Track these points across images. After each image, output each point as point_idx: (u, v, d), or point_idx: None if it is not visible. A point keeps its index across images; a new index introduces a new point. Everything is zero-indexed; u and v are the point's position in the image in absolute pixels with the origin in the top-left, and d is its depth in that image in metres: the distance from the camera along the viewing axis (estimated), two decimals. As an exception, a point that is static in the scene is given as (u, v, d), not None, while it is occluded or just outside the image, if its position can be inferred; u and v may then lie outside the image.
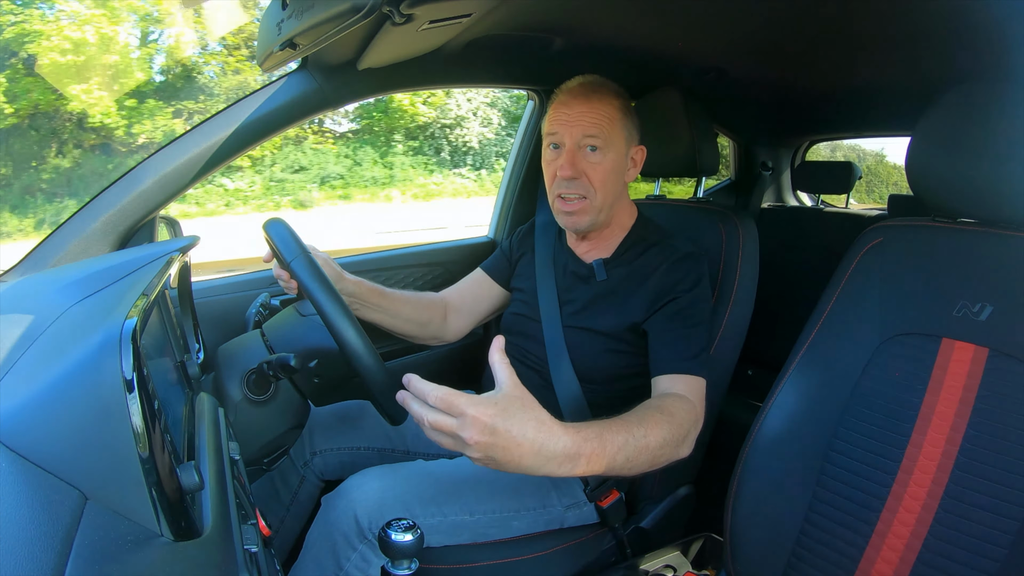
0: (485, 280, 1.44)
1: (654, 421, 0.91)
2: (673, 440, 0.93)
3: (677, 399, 1.00)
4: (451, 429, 0.73)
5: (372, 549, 1.00)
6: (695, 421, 1.00)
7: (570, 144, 1.16)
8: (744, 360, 1.32)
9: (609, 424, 0.86)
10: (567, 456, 0.77)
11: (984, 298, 0.87)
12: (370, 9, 0.84)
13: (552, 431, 0.76)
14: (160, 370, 0.73)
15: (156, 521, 0.46)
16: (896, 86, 1.74)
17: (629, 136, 1.20)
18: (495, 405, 0.73)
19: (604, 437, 0.82)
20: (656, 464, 0.91)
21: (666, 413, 0.95)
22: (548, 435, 0.76)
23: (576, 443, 0.78)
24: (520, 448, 0.74)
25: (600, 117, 1.15)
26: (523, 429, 0.74)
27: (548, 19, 1.32)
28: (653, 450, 0.89)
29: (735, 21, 1.29)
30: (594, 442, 0.81)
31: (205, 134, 1.20)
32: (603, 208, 1.19)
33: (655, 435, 0.89)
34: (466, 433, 0.72)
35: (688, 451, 0.97)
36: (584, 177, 1.16)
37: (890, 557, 0.87)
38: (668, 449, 0.92)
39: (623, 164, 1.20)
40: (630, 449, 0.85)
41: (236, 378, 1.04)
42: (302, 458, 1.26)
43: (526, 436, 0.74)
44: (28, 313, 0.71)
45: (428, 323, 1.36)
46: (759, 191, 2.56)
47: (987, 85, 0.87)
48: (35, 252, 1.13)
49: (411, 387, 0.76)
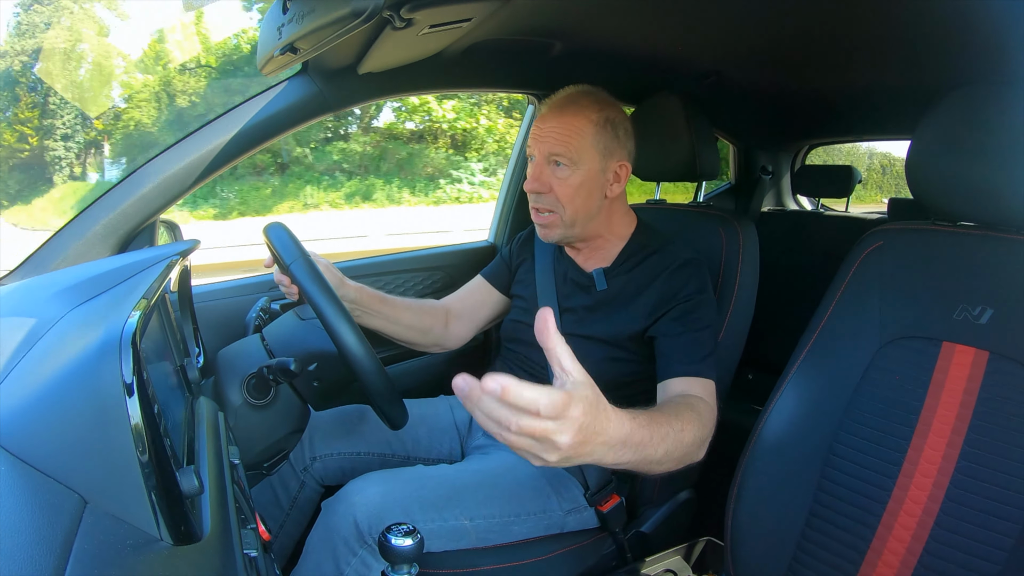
0: (485, 287, 1.44)
1: (688, 418, 0.90)
2: (700, 439, 0.92)
3: (700, 401, 1.00)
4: (548, 434, 0.63)
5: (372, 554, 1.00)
6: (713, 422, 0.98)
7: (538, 158, 1.18)
8: (745, 364, 1.32)
9: (655, 414, 0.85)
10: (625, 444, 0.75)
11: (984, 301, 0.87)
12: (370, 14, 0.84)
13: (616, 418, 0.73)
14: (160, 374, 0.73)
15: (156, 525, 0.46)
16: (896, 89, 1.75)
17: (606, 150, 1.18)
18: (584, 401, 0.66)
19: (652, 427, 0.81)
20: (682, 462, 0.89)
21: (696, 412, 0.94)
22: (617, 425, 0.73)
23: (631, 430, 0.76)
24: (596, 440, 0.69)
25: (569, 133, 1.15)
26: (603, 422, 0.70)
27: (548, 24, 1.32)
28: (687, 446, 0.88)
29: (735, 25, 1.30)
30: (644, 431, 0.79)
31: (206, 138, 1.20)
32: (574, 223, 1.19)
33: (690, 431, 0.88)
34: (564, 437, 0.64)
35: (703, 455, 0.95)
36: (551, 192, 1.17)
37: (891, 561, 0.87)
38: (694, 448, 0.91)
39: (597, 180, 1.18)
40: (670, 442, 0.84)
41: (236, 382, 1.04)
42: (302, 463, 1.26)
43: (605, 429, 0.70)
44: (28, 316, 0.71)
45: (429, 330, 1.36)
46: (759, 195, 2.57)
47: (987, 88, 0.87)
48: (35, 255, 1.13)
49: (508, 395, 0.60)
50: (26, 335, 0.64)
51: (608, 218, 1.24)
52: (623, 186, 1.23)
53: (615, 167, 1.20)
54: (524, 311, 1.33)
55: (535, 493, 1.15)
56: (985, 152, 0.86)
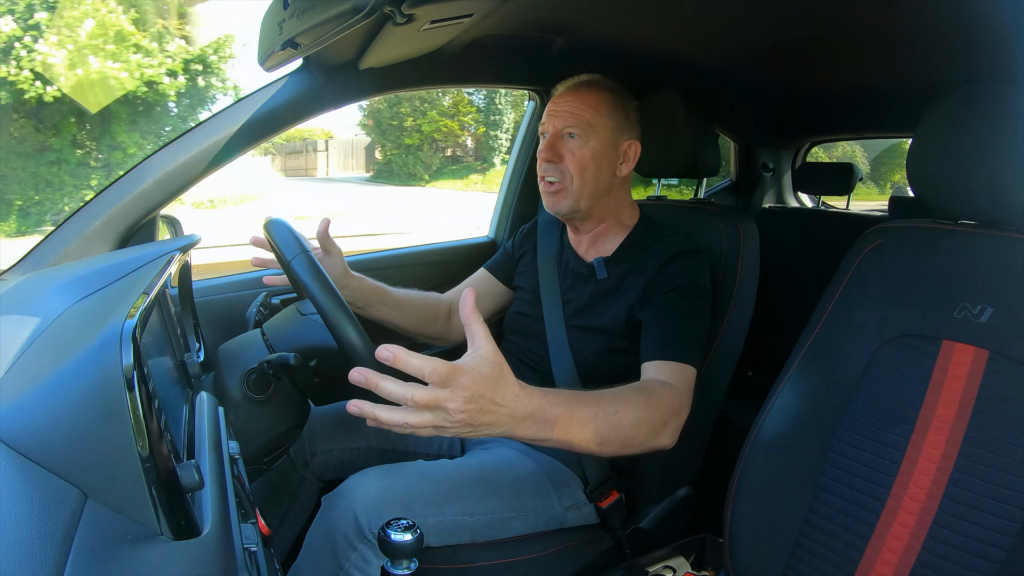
0: (488, 279, 1.44)
1: (628, 399, 0.94)
2: (649, 422, 0.94)
3: (660, 384, 1.02)
4: (439, 402, 0.72)
5: (372, 549, 1.00)
6: (678, 409, 1.01)
7: (552, 131, 1.21)
8: (744, 361, 1.32)
9: (580, 395, 0.90)
10: (534, 419, 0.81)
11: (985, 300, 0.87)
12: (371, 9, 0.84)
13: (524, 394, 0.80)
14: (160, 369, 0.73)
15: (156, 520, 0.46)
16: (897, 87, 1.74)
17: (618, 128, 1.21)
18: (480, 373, 0.74)
19: (572, 405, 0.86)
20: (630, 446, 0.93)
21: (645, 394, 0.97)
22: (520, 399, 0.79)
23: (543, 407, 0.82)
24: (498, 412, 0.77)
25: (584, 107, 1.18)
26: (503, 394, 0.77)
27: (549, 19, 1.32)
28: (626, 428, 0.91)
29: (736, 22, 1.29)
30: (561, 408, 0.84)
31: (206, 133, 1.20)
32: (583, 195, 1.21)
33: (628, 413, 0.91)
34: (454, 404, 0.72)
35: (669, 441, 0.99)
36: (563, 162, 1.19)
37: (889, 558, 0.87)
38: (643, 430, 0.93)
39: (609, 155, 1.21)
40: (600, 422, 0.88)
41: (236, 377, 1.04)
42: (302, 458, 1.26)
43: (505, 400, 0.77)
44: (29, 311, 0.71)
45: (432, 321, 1.36)
46: (760, 192, 2.56)
47: (989, 86, 0.87)
48: (36, 251, 1.13)
49: (398, 362, 0.71)
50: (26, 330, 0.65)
51: (616, 202, 1.26)
52: (631, 167, 1.25)
53: (625, 145, 1.23)
54: (526, 303, 1.33)
55: (535, 489, 1.15)
56: (986, 150, 0.86)
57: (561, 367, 1.21)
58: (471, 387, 0.73)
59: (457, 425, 0.74)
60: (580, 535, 1.20)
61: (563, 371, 1.21)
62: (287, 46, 1.03)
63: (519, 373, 1.27)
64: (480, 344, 0.77)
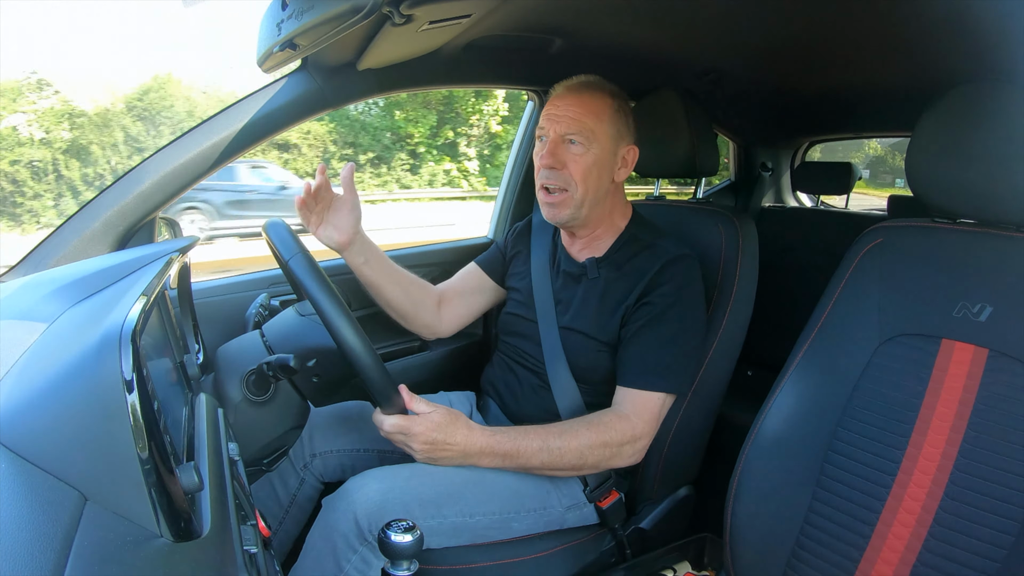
0: (478, 273, 1.44)
1: (575, 432, 1.10)
2: (596, 451, 1.10)
3: (614, 415, 1.13)
4: (404, 442, 1.04)
5: (372, 551, 1.00)
6: (631, 437, 1.12)
7: (554, 136, 1.18)
8: (744, 360, 1.32)
9: (528, 431, 1.10)
10: (485, 454, 1.07)
11: (984, 299, 0.87)
12: (370, 10, 0.84)
13: (472, 436, 1.06)
14: (160, 371, 0.73)
15: (155, 522, 0.46)
16: (896, 87, 1.74)
17: (618, 134, 1.20)
18: (431, 420, 1.03)
19: (518, 441, 1.08)
20: (583, 469, 1.12)
21: (594, 427, 1.11)
22: (469, 439, 1.06)
23: (491, 444, 1.07)
24: (452, 450, 1.05)
25: (586, 112, 1.17)
26: (455, 436, 1.04)
27: (548, 20, 1.32)
28: (572, 458, 1.09)
29: (735, 23, 1.29)
30: (508, 444, 1.07)
31: (205, 135, 1.20)
32: (584, 202, 1.20)
33: (574, 444, 1.09)
34: (414, 444, 1.03)
35: (630, 461, 1.15)
36: (565, 169, 1.18)
37: (890, 558, 0.87)
38: (592, 458, 1.10)
39: (609, 161, 1.20)
40: (546, 454, 1.08)
41: (236, 379, 1.04)
42: (302, 459, 1.26)
43: (456, 441, 1.04)
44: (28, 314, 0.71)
45: (421, 303, 1.35)
46: (759, 192, 2.57)
47: (987, 86, 0.87)
48: (35, 252, 1.13)
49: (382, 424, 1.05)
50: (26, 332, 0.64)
51: (611, 206, 1.25)
52: (629, 172, 1.25)
53: (624, 151, 1.22)
54: (519, 304, 1.33)
55: (535, 490, 1.15)
56: (985, 150, 0.86)
57: (555, 368, 1.21)
58: (423, 433, 1.02)
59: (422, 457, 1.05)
60: (580, 535, 1.20)
61: (557, 372, 1.21)
62: (286, 47, 1.03)
63: (515, 374, 1.28)
64: (423, 410, 1.05)
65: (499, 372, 1.34)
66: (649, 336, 1.14)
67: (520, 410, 1.27)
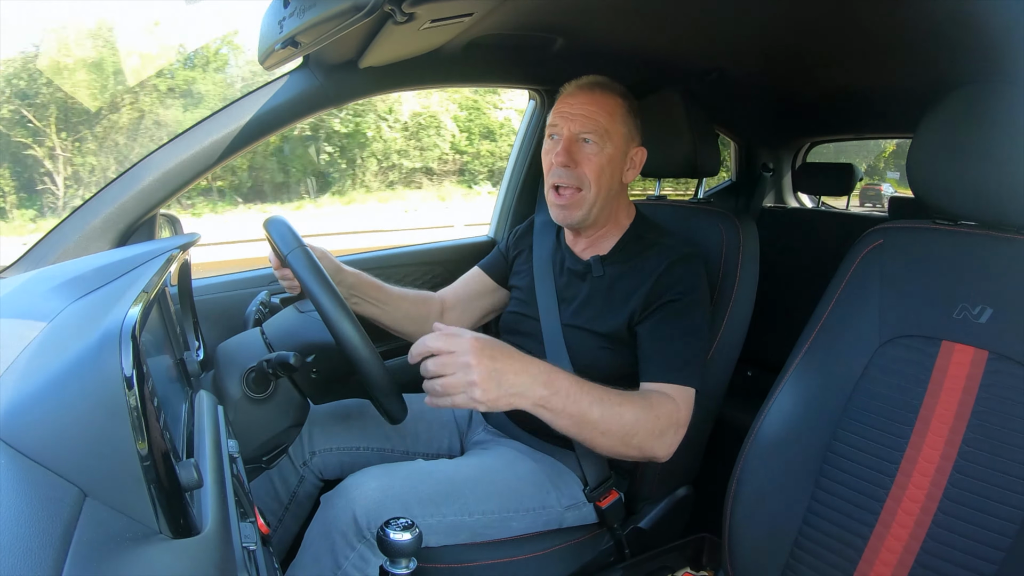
0: (481, 277, 1.44)
1: (631, 398, 1.02)
2: (648, 425, 1.01)
3: (661, 396, 1.06)
4: (454, 360, 0.88)
5: (371, 548, 1.00)
6: (676, 422, 1.05)
7: (568, 134, 1.18)
8: (744, 361, 1.32)
9: (586, 381, 1.00)
10: (546, 379, 0.94)
11: (984, 301, 0.87)
12: (371, 8, 0.84)
13: (530, 358, 0.95)
14: (160, 367, 0.73)
15: (155, 518, 0.46)
16: (898, 88, 1.74)
17: (629, 135, 1.20)
18: (476, 337, 0.91)
19: (579, 382, 0.98)
20: (628, 444, 1.01)
21: (647, 399, 1.04)
22: (527, 360, 0.95)
23: (550, 371, 0.96)
24: (512, 364, 0.92)
25: (600, 111, 1.16)
26: (509, 351, 0.93)
27: (549, 19, 1.32)
28: (627, 423, 0.99)
29: (736, 23, 1.29)
30: (568, 380, 0.97)
31: (206, 132, 1.20)
32: (596, 202, 1.19)
33: (629, 410, 1.00)
34: (465, 357, 0.88)
35: (665, 452, 1.05)
36: (579, 167, 1.17)
37: (888, 559, 0.87)
38: (642, 431, 1.01)
39: (620, 161, 1.20)
40: (604, 408, 0.98)
41: (235, 376, 1.04)
42: (301, 457, 1.26)
43: (513, 356, 0.93)
44: (28, 310, 0.71)
45: (425, 319, 1.36)
46: (760, 192, 2.57)
47: (989, 87, 0.87)
48: (36, 249, 1.13)
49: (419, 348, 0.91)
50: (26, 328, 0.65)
51: (618, 206, 1.25)
52: (636, 173, 1.25)
53: (633, 152, 1.22)
54: (522, 302, 1.33)
55: (534, 489, 1.15)
56: (987, 151, 0.86)
57: (557, 365, 1.21)
58: (473, 342, 0.89)
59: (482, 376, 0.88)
60: (579, 535, 1.20)
61: None
62: (287, 45, 1.03)
63: None
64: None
65: None
66: (672, 332, 1.12)
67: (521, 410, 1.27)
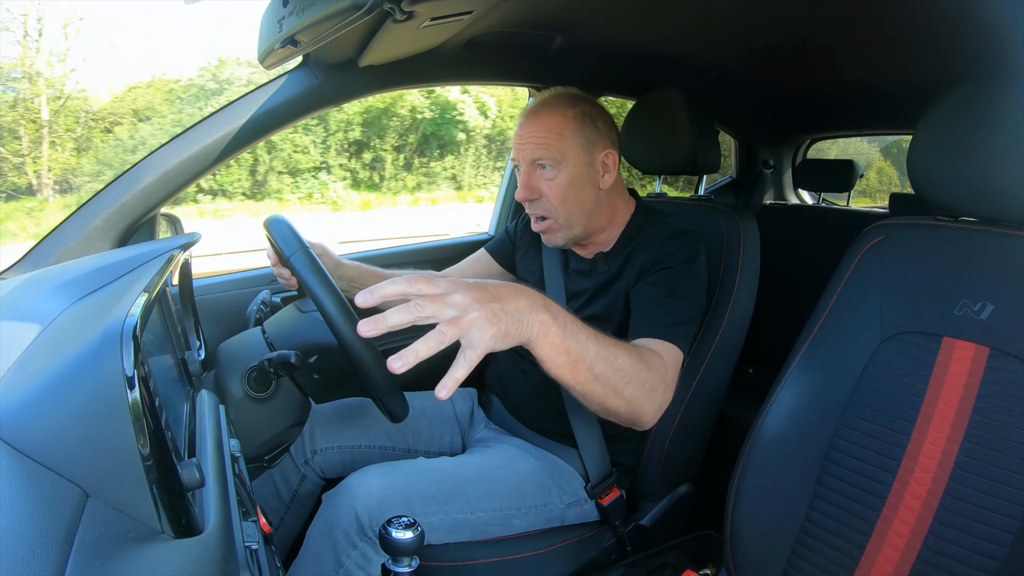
0: (488, 260, 1.43)
1: (625, 348, 0.92)
2: (640, 377, 0.91)
3: (651, 352, 0.99)
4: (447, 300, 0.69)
5: (373, 547, 1.00)
6: (664, 380, 0.98)
7: (525, 167, 1.17)
8: (745, 358, 1.32)
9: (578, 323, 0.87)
10: (543, 302, 0.79)
11: (985, 297, 0.87)
12: (371, 6, 0.84)
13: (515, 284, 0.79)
14: (161, 367, 0.73)
15: (157, 518, 0.46)
16: (898, 84, 1.74)
17: (588, 144, 1.16)
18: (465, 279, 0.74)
19: (576, 319, 0.84)
20: (620, 394, 0.90)
21: (640, 354, 0.94)
22: (515, 285, 0.78)
23: (542, 296, 0.80)
24: (507, 290, 0.75)
25: (547, 134, 1.14)
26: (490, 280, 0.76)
27: (549, 17, 1.31)
28: (622, 369, 0.88)
29: (736, 20, 1.29)
30: (567, 315, 0.82)
31: (206, 131, 1.20)
32: (572, 223, 1.18)
33: (624, 356, 0.89)
34: (464, 295, 0.69)
35: (652, 412, 0.95)
36: (543, 197, 1.17)
37: (890, 555, 0.87)
38: (634, 381, 0.90)
39: (586, 173, 1.17)
40: (600, 346, 0.85)
41: (237, 375, 1.04)
42: (303, 456, 1.26)
43: (500, 284, 0.76)
44: (29, 310, 0.71)
45: None
46: (760, 189, 2.56)
47: (989, 83, 0.87)
48: (36, 249, 1.13)
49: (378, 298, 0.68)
50: (27, 329, 0.65)
51: (610, 211, 1.24)
52: (615, 174, 1.21)
53: (601, 157, 1.18)
54: None
55: (536, 486, 1.15)
56: (987, 147, 0.86)
57: None
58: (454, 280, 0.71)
59: (482, 309, 0.70)
60: (581, 532, 1.21)
61: None
62: (287, 44, 1.03)
63: (521, 370, 1.28)
64: None
65: (505, 368, 1.34)
66: (664, 291, 1.10)
67: (524, 407, 1.27)
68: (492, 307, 0.71)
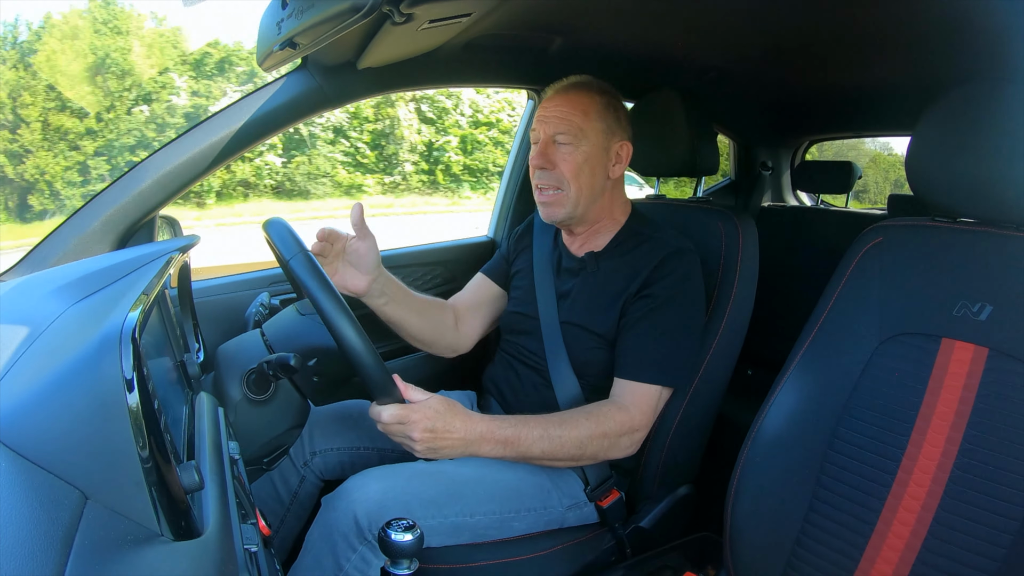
0: (487, 284, 1.44)
1: (574, 422, 1.08)
2: (596, 441, 1.09)
3: (613, 406, 1.13)
4: (402, 432, 0.98)
5: (372, 549, 1.00)
6: (630, 430, 1.12)
7: (544, 136, 1.20)
8: (744, 359, 1.32)
9: (528, 419, 1.07)
10: (486, 440, 1.03)
11: (984, 298, 0.87)
12: (370, 9, 0.84)
13: (471, 422, 1.02)
14: (160, 370, 0.73)
15: (156, 521, 0.46)
16: (896, 86, 1.74)
17: (609, 130, 1.21)
18: (427, 409, 0.98)
19: (519, 428, 1.05)
20: (582, 459, 1.11)
21: (593, 417, 1.10)
22: (469, 425, 1.02)
23: (491, 429, 1.03)
24: (452, 436, 1.00)
25: (573, 111, 1.18)
26: (454, 423, 1.00)
27: (548, 19, 1.32)
28: (571, 448, 1.07)
29: (735, 22, 1.29)
30: (509, 430, 1.04)
31: (205, 133, 1.20)
32: (579, 201, 1.21)
33: (573, 434, 1.07)
34: (415, 434, 0.97)
35: (626, 452, 1.14)
36: (556, 168, 1.19)
37: (890, 556, 0.87)
38: (591, 448, 1.09)
39: (601, 157, 1.21)
40: (547, 443, 1.05)
41: (236, 378, 1.04)
42: (302, 458, 1.26)
43: (455, 428, 1.00)
44: (28, 312, 0.71)
45: (441, 325, 1.35)
46: (759, 191, 2.56)
47: (987, 85, 0.87)
48: (35, 251, 1.13)
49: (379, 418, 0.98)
50: (26, 331, 0.64)
51: (610, 203, 1.26)
52: (624, 167, 1.25)
53: (617, 147, 1.22)
54: (521, 302, 1.33)
55: (535, 489, 1.15)
56: (985, 148, 0.86)
57: (557, 364, 1.22)
58: (422, 421, 0.97)
59: (423, 448, 0.99)
60: (581, 534, 1.20)
61: (559, 368, 1.21)
62: (285, 46, 1.03)
63: (516, 372, 1.28)
64: (416, 398, 1.00)
65: (500, 370, 1.34)
66: (648, 328, 1.14)
67: (521, 408, 1.27)
68: (431, 445, 0.99)
